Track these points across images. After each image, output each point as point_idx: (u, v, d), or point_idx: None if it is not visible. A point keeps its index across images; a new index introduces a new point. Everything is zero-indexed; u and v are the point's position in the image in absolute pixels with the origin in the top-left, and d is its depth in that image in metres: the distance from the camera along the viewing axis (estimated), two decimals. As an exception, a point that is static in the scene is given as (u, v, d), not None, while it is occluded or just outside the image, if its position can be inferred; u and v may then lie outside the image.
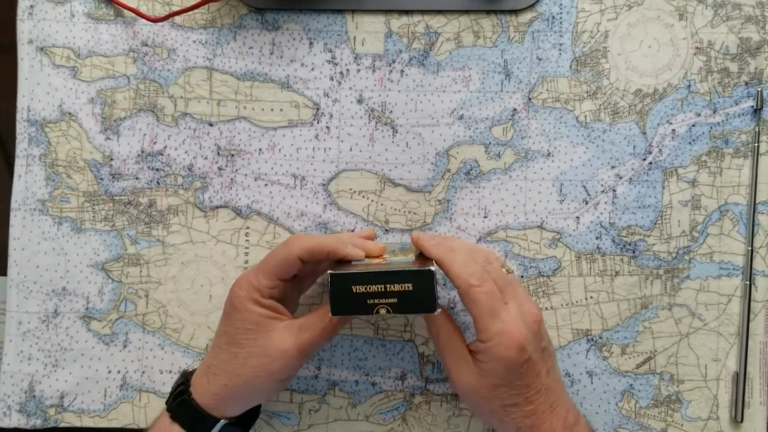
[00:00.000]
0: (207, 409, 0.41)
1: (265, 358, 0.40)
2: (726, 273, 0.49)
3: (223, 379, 0.41)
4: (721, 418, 0.49)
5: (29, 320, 0.49)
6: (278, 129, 0.50)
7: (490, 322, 0.38)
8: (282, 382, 0.42)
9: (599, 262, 0.49)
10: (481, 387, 0.39)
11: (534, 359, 0.38)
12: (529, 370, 0.38)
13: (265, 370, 0.40)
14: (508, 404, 0.39)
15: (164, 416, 0.42)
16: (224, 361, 0.41)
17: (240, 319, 0.41)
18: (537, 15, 0.50)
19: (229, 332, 0.41)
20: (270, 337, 0.40)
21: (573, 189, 0.49)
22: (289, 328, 0.41)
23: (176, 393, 0.42)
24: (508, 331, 0.38)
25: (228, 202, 0.50)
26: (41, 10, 0.50)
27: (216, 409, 0.41)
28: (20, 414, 0.49)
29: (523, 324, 0.38)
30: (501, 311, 0.38)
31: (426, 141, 0.50)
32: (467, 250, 0.41)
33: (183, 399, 0.41)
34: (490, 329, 0.38)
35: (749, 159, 0.49)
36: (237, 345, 0.41)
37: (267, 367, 0.40)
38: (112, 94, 0.50)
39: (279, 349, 0.40)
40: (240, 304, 0.41)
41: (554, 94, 0.49)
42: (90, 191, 0.50)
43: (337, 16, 0.50)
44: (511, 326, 0.38)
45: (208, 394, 0.41)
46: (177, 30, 0.50)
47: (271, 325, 0.41)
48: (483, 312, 0.38)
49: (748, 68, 0.49)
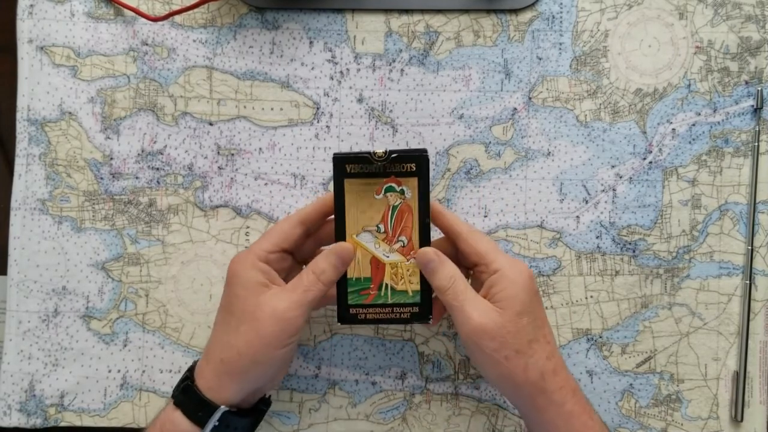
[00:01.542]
0: (207, 394, 0.40)
1: (255, 322, 0.39)
2: (726, 272, 0.49)
3: (219, 353, 0.40)
4: (721, 418, 0.49)
5: (29, 319, 0.49)
6: (278, 128, 0.50)
7: (498, 254, 0.41)
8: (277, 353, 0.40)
9: (599, 262, 0.49)
10: (506, 320, 0.39)
11: (540, 296, 0.41)
12: (540, 306, 0.41)
13: (256, 335, 0.39)
14: (532, 339, 0.39)
15: (169, 405, 0.41)
16: (220, 333, 0.41)
17: (235, 284, 0.41)
18: (537, 14, 0.49)
19: (224, 305, 0.41)
20: (260, 300, 0.40)
21: (573, 188, 0.49)
22: (280, 291, 0.41)
23: (181, 380, 0.42)
24: (515, 261, 0.41)
25: (228, 201, 0.50)
26: (41, 9, 0.50)
27: (216, 392, 0.40)
28: (20, 413, 0.49)
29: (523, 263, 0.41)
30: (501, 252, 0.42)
31: (426, 140, 0.50)
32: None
33: (186, 385, 0.41)
34: (499, 258, 0.40)
35: (749, 158, 0.49)
36: (230, 313, 0.41)
37: (258, 331, 0.39)
38: (112, 93, 0.50)
39: (268, 311, 0.39)
40: (235, 267, 0.41)
41: (554, 94, 0.49)
42: (90, 190, 0.50)
43: (337, 15, 0.50)
44: (514, 259, 0.41)
45: (207, 373, 0.41)
46: (177, 29, 0.50)
47: (263, 291, 0.40)
48: (490, 245, 0.41)
49: (748, 67, 0.49)
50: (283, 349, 0.40)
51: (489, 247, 0.41)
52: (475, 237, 0.42)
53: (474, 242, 0.41)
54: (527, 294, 0.39)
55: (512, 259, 0.41)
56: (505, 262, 0.40)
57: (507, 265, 0.40)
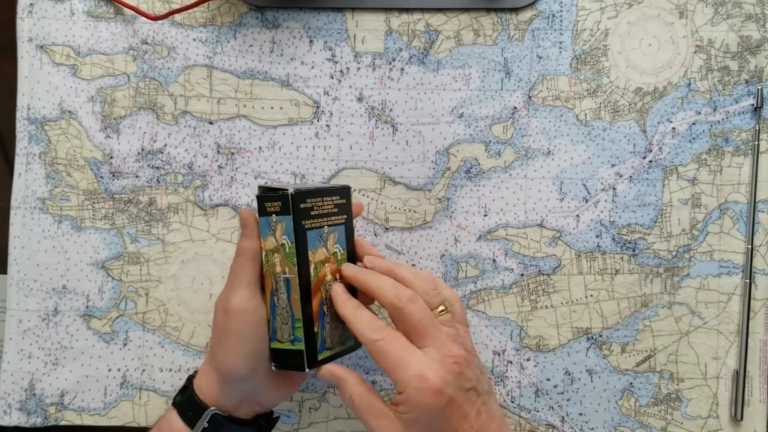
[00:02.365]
0: (199, 394, 0.41)
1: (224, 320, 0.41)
2: (726, 271, 0.49)
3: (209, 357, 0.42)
4: (720, 417, 0.49)
5: (29, 318, 0.49)
6: (278, 127, 0.50)
7: (401, 371, 0.37)
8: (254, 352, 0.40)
9: (599, 261, 0.49)
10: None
11: (458, 401, 0.37)
12: (454, 413, 0.37)
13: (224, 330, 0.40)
14: None
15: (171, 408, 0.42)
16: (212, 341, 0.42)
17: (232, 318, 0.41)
18: (537, 13, 0.49)
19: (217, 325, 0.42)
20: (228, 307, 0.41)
21: (573, 187, 0.49)
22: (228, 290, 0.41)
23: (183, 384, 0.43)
24: (420, 376, 0.36)
25: (228, 200, 0.50)
26: (41, 8, 0.50)
27: (207, 394, 0.41)
28: (20, 412, 0.49)
29: (439, 366, 0.37)
30: (411, 358, 0.37)
31: (426, 139, 0.50)
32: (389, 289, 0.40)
33: (185, 386, 0.42)
34: (402, 378, 0.36)
35: (749, 157, 0.49)
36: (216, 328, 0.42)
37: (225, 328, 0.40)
38: (112, 92, 0.50)
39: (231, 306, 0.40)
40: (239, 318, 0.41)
41: (554, 93, 0.49)
42: (90, 189, 0.50)
43: (337, 14, 0.50)
44: (423, 370, 0.36)
45: (202, 375, 0.42)
46: (177, 28, 0.50)
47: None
48: (391, 363, 0.37)
49: (748, 66, 0.49)
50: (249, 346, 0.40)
51: (391, 363, 0.37)
52: (376, 351, 0.38)
53: (377, 358, 0.38)
54: (431, 414, 0.36)
55: (420, 372, 0.36)
56: (408, 380, 0.36)
57: (410, 385, 0.36)
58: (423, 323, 0.38)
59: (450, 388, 0.37)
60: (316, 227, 0.40)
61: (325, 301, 0.41)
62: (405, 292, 0.39)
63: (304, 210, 0.39)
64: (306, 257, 0.40)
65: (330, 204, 0.41)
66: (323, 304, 0.41)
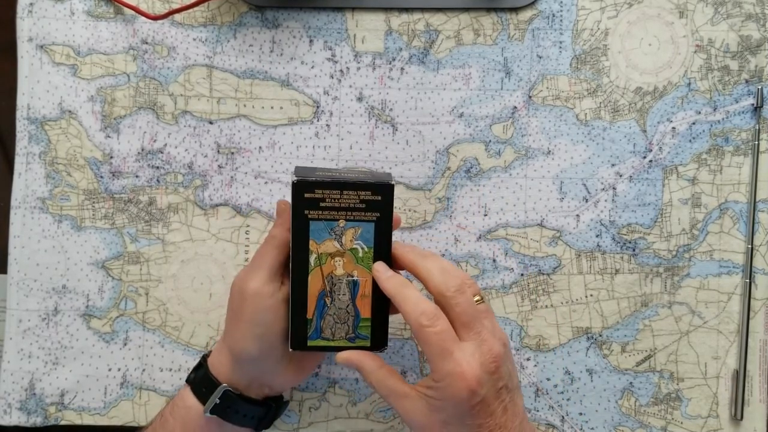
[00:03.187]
0: (213, 371, 0.43)
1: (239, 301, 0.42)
2: (726, 271, 0.49)
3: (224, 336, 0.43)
4: (720, 416, 0.49)
5: (29, 318, 0.49)
6: (278, 127, 0.50)
7: (441, 362, 0.37)
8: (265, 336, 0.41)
9: (599, 260, 0.49)
10: (431, 423, 0.38)
11: (488, 399, 0.37)
12: (482, 411, 0.37)
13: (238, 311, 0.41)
14: None
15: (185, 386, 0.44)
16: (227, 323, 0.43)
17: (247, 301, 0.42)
18: (537, 13, 0.49)
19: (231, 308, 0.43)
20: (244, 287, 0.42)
21: (573, 187, 0.49)
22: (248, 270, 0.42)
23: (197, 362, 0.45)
24: (459, 373, 0.36)
25: (228, 200, 0.50)
26: (41, 8, 0.50)
27: (219, 371, 0.42)
28: (21, 412, 0.49)
29: (478, 365, 0.37)
30: (454, 351, 0.37)
31: (426, 139, 0.50)
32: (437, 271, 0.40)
33: (199, 364, 0.44)
34: (441, 370, 0.37)
35: (749, 157, 0.49)
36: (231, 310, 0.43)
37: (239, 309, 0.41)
38: (112, 92, 0.50)
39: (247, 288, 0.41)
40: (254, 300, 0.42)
41: (554, 92, 0.49)
42: (90, 189, 0.50)
43: (337, 13, 0.50)
44: (464, 367, 0.36)
45: (215, 352, 0.44)
46: (177, 28, 0.50)
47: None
48: (434, 352, 0.37)
49: (748, 66, 0.49)
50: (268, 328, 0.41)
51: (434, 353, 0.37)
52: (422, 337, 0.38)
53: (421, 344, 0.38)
54: (460, 410, 0.37)
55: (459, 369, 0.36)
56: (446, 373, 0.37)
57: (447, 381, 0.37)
58: (468, 315, 0.38)
59: (484, 388, 0.37)
60: (325, 219, 0.40)
61: (329, 293, 0.41)
62: (453, 281, 0.39)
63: (310, 200, 0.40)
64: (305, 244, 0.40)
65: (354, 198, 0.40)
66: (325, 295, 0.41)
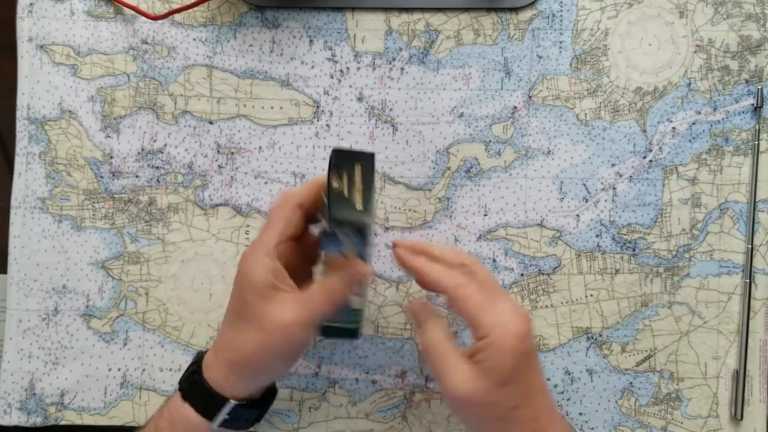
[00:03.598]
0: (216, 388, 0.40)
1: (262, 332, 0.38)
2: (726, 271, 0.49)
3: (228, 353, 0.40)
4: (720, 416, 0.49)
5: (29, 318, 0.49)
6: (278, 127, 0.50)
7: (485, 316, 0.36)
8: (287, 361, 0.40)
9: (599, 260, 0.49)
10: (486, 390, 0.36)
11: (533, 353, 0.37)
12: (531, 365, 0.37)
13: (263, 345, 0.39)
14: (516, 405, 0.36)
15: (176, 396, 0.41)
16: (230, 336, 0.40)
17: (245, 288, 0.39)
18: (537, 13, 0.49)
19: (234, 306, 0.40)
20: (269, 309, 0.38)
21: (573, 187, 0.49)
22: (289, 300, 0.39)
23: (189, 372, 0.41)
24: (506, 321, 0.36)
25: (228, 200, 0.50)
26: (41, 8, 0.50)
27: (225, 388, 0.40)
28: (20, 412, 0.49)
29: (519, 315, 0.37)
30: (494, 304, 0.37)
31: (426, 139, 0.50)
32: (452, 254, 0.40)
33: (195, 378, 0.40)
34: (487, 323, 0.36)
35: (749, 157, 0.49)
36: (239, 317, 0.40)
37: (266, 343, 0.38)
38: (112, 92, 0.50)
39: (277, 323, 0.38)
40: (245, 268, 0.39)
41: (554, 92, 0.49)
42: (90, 189, 0.50)
43: (337, 13, 0.50)
44: (508, 316, 0.36)
45: (216, 369, 0.40)
46: (177, 28, 0.50)
47: (273, 296, 0.39)
48: (475, 307, 0.37)
49: (748, 66, 0.49)
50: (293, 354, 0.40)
51: (475, 307, 0.37)
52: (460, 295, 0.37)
53: (460, 303, 0.37)
54: (514, 361, 0.36)
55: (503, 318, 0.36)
56: (492, 325, 0.36)
57: (495, 330, 0.36)
58: (491, 279, 0.39)
59: (530, 337, 0.37)
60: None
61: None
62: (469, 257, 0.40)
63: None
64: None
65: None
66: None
